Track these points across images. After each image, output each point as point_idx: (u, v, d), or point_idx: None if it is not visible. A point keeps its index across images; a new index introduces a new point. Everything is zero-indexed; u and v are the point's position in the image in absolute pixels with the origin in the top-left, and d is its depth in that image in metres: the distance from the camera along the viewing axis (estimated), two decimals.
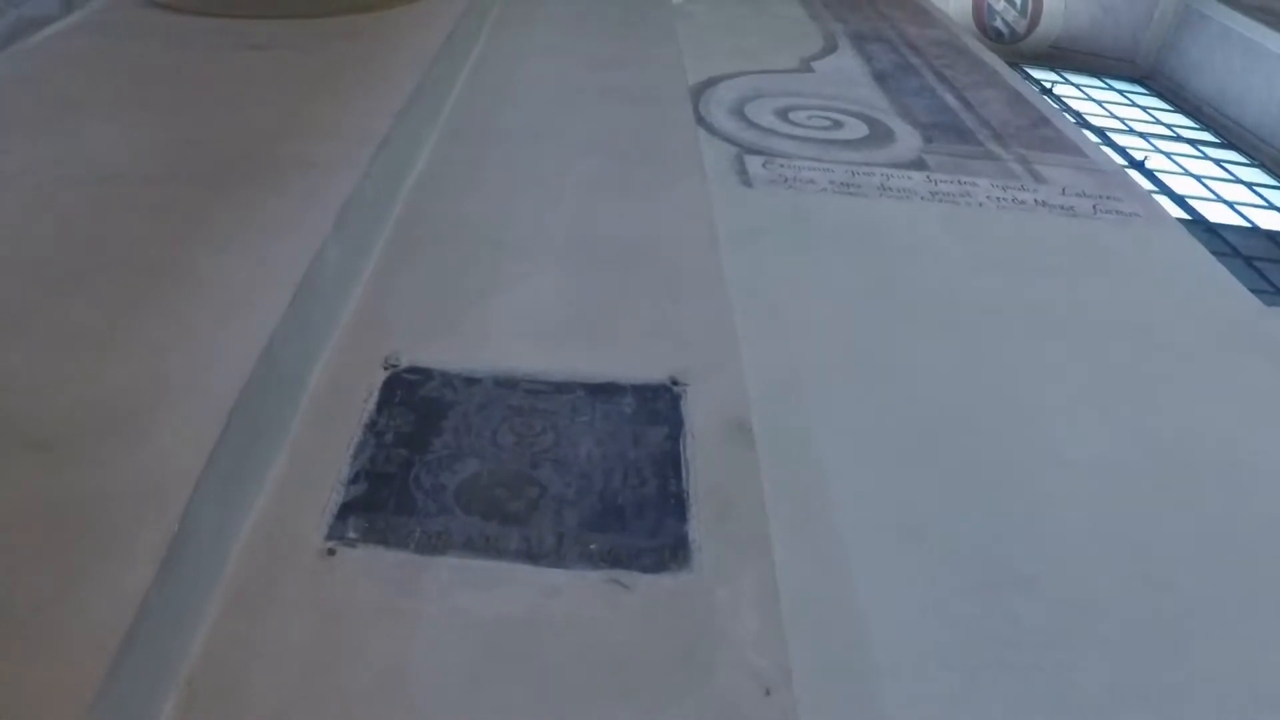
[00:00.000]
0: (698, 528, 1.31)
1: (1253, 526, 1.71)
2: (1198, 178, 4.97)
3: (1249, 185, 5.03)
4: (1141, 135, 5.37)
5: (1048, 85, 5.76)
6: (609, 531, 1.29)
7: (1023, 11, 6.06)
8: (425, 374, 1.52)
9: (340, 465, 1.33)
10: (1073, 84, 6.01)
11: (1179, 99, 6.03)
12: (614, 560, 1.25)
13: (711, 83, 3.17)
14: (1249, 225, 4.55)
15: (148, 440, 1.14)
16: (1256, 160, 5.35)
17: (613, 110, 2.53)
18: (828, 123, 2.94)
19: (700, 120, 2.83)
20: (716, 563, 1.26)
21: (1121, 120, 5.55)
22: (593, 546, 1.27)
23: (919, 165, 2.75)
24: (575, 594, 1.20)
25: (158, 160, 1.78)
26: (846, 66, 3.51)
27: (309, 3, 2.73)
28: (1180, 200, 4.63)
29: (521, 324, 1.66)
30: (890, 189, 2.57)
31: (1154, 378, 2.03)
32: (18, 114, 1.98)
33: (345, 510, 1.27)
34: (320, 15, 2.66)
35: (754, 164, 2.62)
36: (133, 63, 2.27)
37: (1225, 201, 4.75)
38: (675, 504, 1.34)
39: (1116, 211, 2.69)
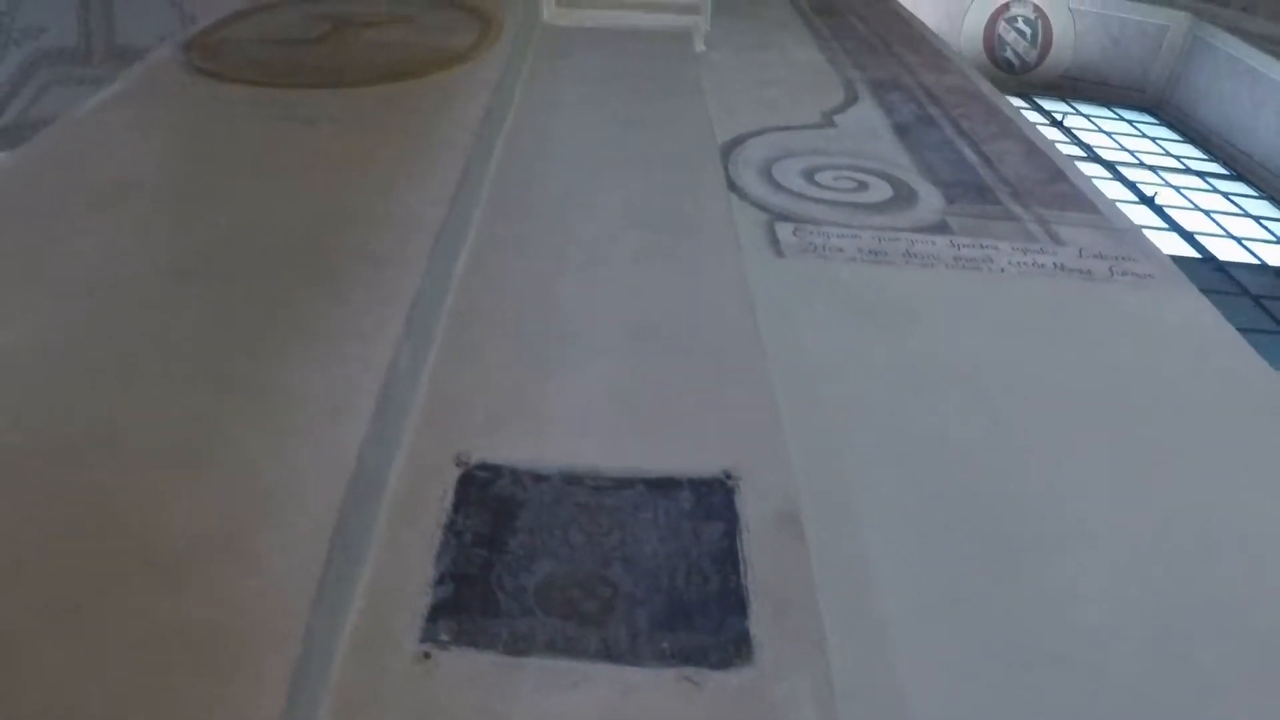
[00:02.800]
0: (757, 624, 1.43)
1: (1271, 600, 1.83)
2: (1207, 212, 5.10)
3: (1257, 219, 5.16)
4: (1151, 169, 5.50)
5: (1059, 117, 5.89)
6: (678, 629, 1.41)
7: (1033, 42, 6.19)
8: (495, 471, 1.64)
9: (426, 567, 1.45)
10: (1083, 114, 6.14)
11: (1187, 128, 6.16)
12: (684, 658, 1.37)
13: (739, 141, 3.30)
14: (1258, 262, 4.68)
15: (258, 563, 1.26)
16: (1265, 193, 5.48)
17: (647, 177, 2.66)
18: (853, 184, 3.07)
19: (731, 184, 2.95)
20: (776, 659, 1.38)
21: (1131, 153, 5.68)
22: (664, 645, 1.39)
23: (942, 228, 2.87)
24: (651, 692, 1.32)
25: (226, 254, 1.90)
26: (868, 119, 3.64)
27: (349, 71, 2.86)
28: (1189, 237, 4.76)
29: (579, 416, 1.78)
30: (915, 255, 2.70)
31: (1171, 448, 2.15)
32: (79, 198, 2.09)
33: (435, 613, 1.39)
34: (360, 84, 2.78)
35: (784, 231, 2.74)
36: (184, 139, 2.40)
37: (1234, 237, 4.88)
38: (736, 600, 1.46)
39: (1132, 274, 2.81)
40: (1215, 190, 5.38)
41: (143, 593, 1.20)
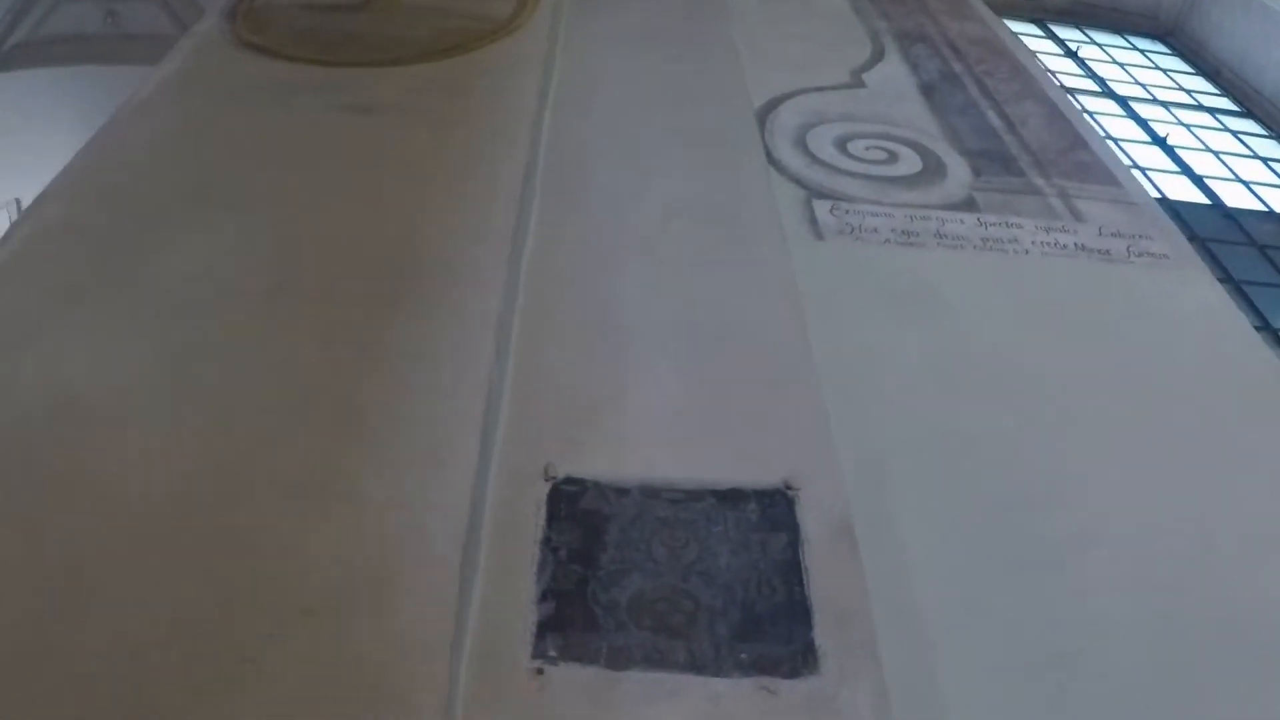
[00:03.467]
0: (822, 634, 1.63)
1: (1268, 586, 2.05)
2: (1217, 154, 5.21)
3: (1265, 160, 5.28)
4: (1163, 104, 5.59)
5: (1073, 48, 5.94)
6: (753, 640, 1.62)
7: None
8: (580, 484, 1.83)
9: (529, 585, 1.64)
10: (1096, 44, 6.19)
11: (1199, 59, 6.22)
12: (760, 668, 1.58)
13: (773, 105, 3.40)
14: (1265, 209, 4.81)
15: (398, 601, 1.44)
16: (1273, 132, 5.58)
17: (691, 159, 2.79)
18: (884, 155, 3.19)
19: (769, 155, 3.07)
20: (840, 668, 1.59)
21: (1144, 86, 5.76)
22: (743, 656, 1.60)
23: (970, 205, 3.01)
24: (734, 700, 1.53)
25: (312, 270, 2.04)
26: (895, 78, 3.73)
27: (394, 46, 2.94)
28: (1199, 181, 4.88)
29: (648, 424, 1.96)
30: (945, 236, 2.85)
31: (1182, 441, 2.34)
32: (162, 208, 2.21)
33: (542, 629, 1.59)
34: (407, 61, 2.87)
35: (822, 211, 2.88)
36: (248, 135, 2.49)
37: (1244, 182, 5.00)
38: (801, 611, 1.67)
39: (1149, 254, 2.97)
40: (1225, 129, 5.49)
41: (306, 640, 1.38)
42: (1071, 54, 5.88)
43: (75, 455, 1.61)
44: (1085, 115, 4.30)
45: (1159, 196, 4.60)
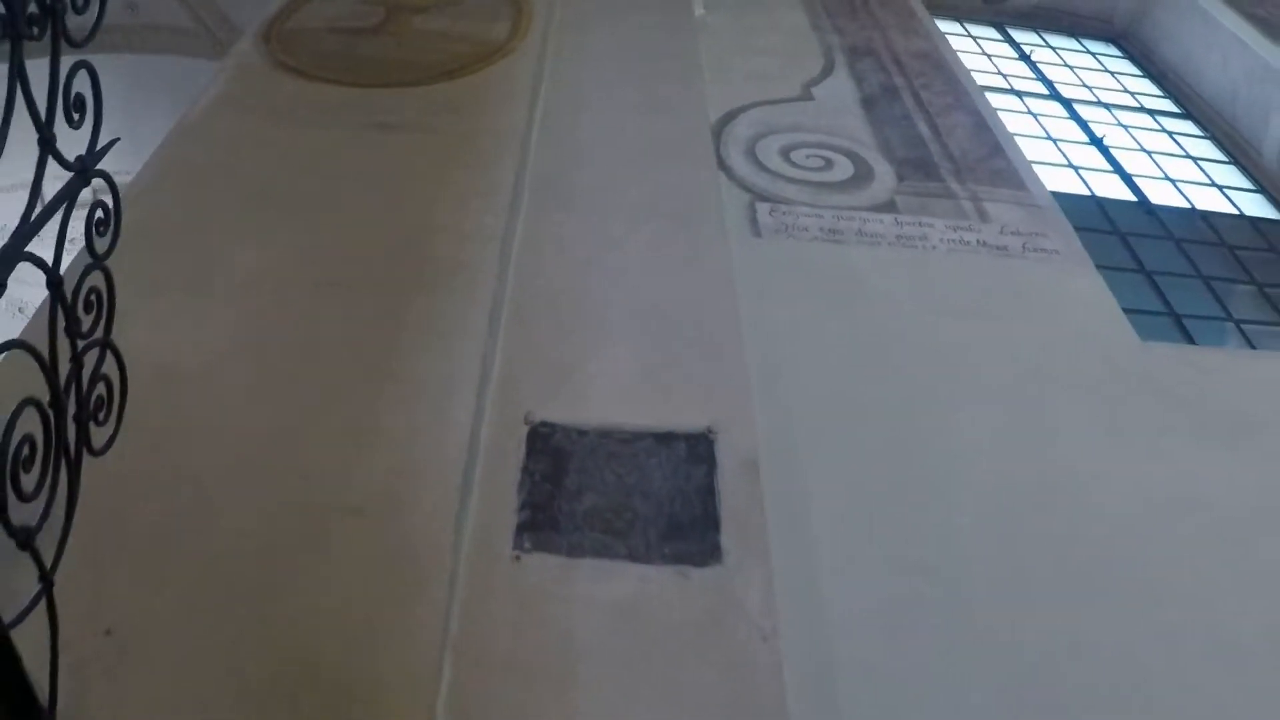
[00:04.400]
0: (726, 537, 2.27)
1: (1101, 544, 2.69)
2: (1149, 153, 5.84)
3: (1196, 160, 5.92)
4: (1106, 106, 6.21)
5: (1027, 51, 6.56)
6: (674, 540, 2.26)
7: None
8: (551, 427, 2.47)
9: (512, 498, 2.29)
10: (1051, 47, 6.81)
11: (1148, 62, 6.84)
12: (678, 559, 2.22)
13: (731, 116, 4.03)
14: (1188, 206, 5.44)
15: (417, 509, 2.09)
16: (1209, 133, 6.21)
17: (653, 169, 3.41)
18: (822, 163, 3.83)
19: (721, 163, 3.70)
20: (738, 561, 2.23)
21: (1090, 89, 6.38)
22: (666, 550, 2.24)
23: (890, 207, 3.65)
24: (657, 581, 2.17)
25: (353, 265, 2.67)
26: (840, 91, 4.37)
27: (409, 68, 3.57)
28: (1129, 179, 5.51)
29: (607, 385, 2.59)
30: (865, 234, 3.49)
31: (1048, 415, 2.98)
32: (224, 212, 2.85)
33: (520, 529, 2.23)
34: (421, 82, 3.50)
35: (763, 212, 3.52)
36: (291, 150, 3.11)
37: (1171, 180, 5.64)
38: (712, 521, 2.30)
39: (1041, 249, 3.61)
40: (1163, 130, 6.11)
41: (351, 531, 2.03)
42: (1025, 57, 6.49)
43: (180, 408, 2.25)
44: (1025, 116, 4.93)
45: (1089, 194, 5.25)
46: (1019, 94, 6.02)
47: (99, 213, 1.44)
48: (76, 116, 1.27)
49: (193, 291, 2.57)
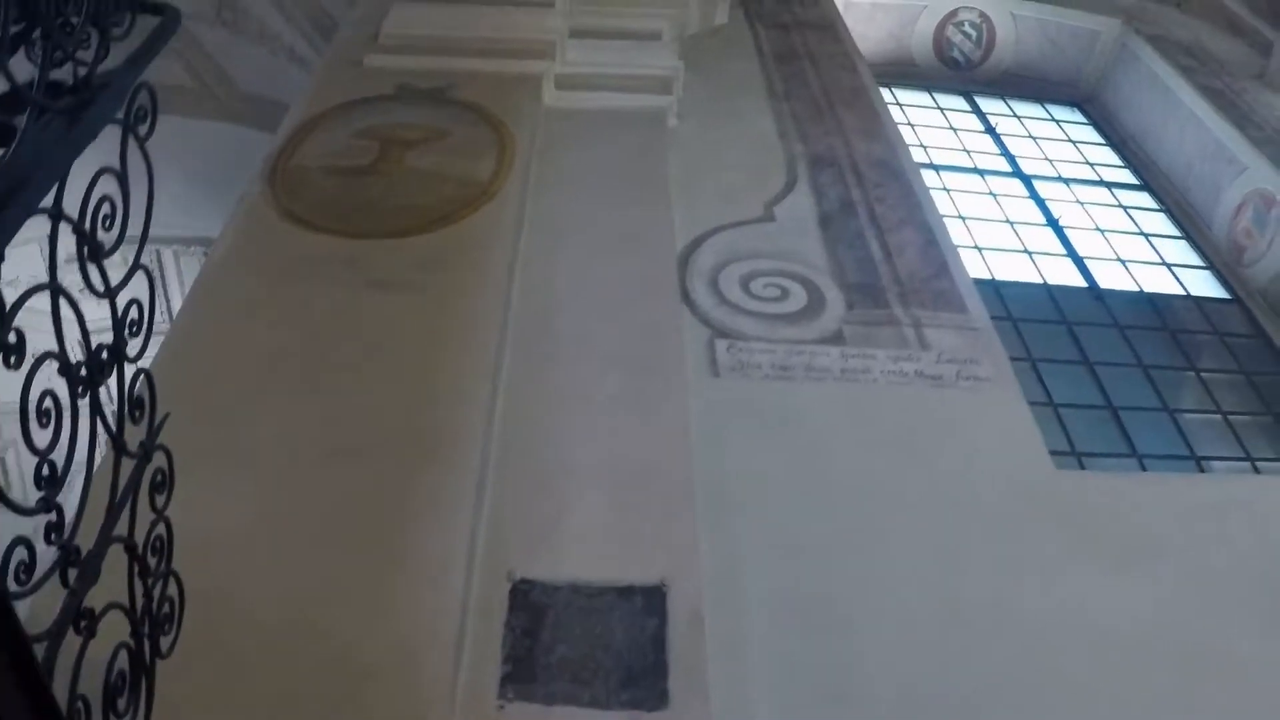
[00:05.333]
0: (673, 683, 2.90)
1: (1000, 672, 3.32)
2: (1104, 232, 6.48)
3: (1147, 237, 6.56)
4: (1065, 181, 6.84)
5: (992, 122, 7.18)
6: (630, 688, 2.88)
7: (978, 44, 7.43)
8: (530, 584, 3.10)
9: (496, 652, 2.92)
10: (1016, 115, 7.43)
11: (1110, 129, 7.48)
12: (634, 705, 2.85)
13: (697, 243, 4.65)
14: (1136, 290, 6.09)
15: (421, 669, 2.73)
16: (1164, 206, 6.85)
17: (624, 309, 4.02)
18: (778, 292, 4.45)
19: (685, 296, 4.33)
20: (683, 704, 2.86)
21: (1051, 162, 7.01)
22: (623, 697, 2.87)
23: (838, 338, 4.28)
24: None
25: (358, 434, 3.29)
26: (800, 209, 4.99)
27: (402, 217, 4.17)
28: (1080, 263, 6.15)
29: (577, 539, 3.22)
30: (813, 369, 4.11)
31: (962, 547, 3.61)
32: (243, 379, 3.46)
33: (504, 681, 2.86)
34: (412, 232, 4.10)
35: (721, 349, 4.14)
36: (298, 312, 3.71)
37: (1121, 261, 6.28)
38: (662, 669, 2.94)
39: (973, 377, 4.24)
40: (1119, 204, 6.75)
41: (364, 692, 2.67)
42: (990, 129, 7.12)
43: (212, 576, 2.88)
44: (987, 197, 5.56)
45: (1041, 282, 5.89)
46: (981, 173, 6.65)
47: (158, 475, 2.05)
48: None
49: (216, 464, 3.17)
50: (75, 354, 1.58)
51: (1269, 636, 3.56)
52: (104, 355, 1.71)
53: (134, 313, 1.81)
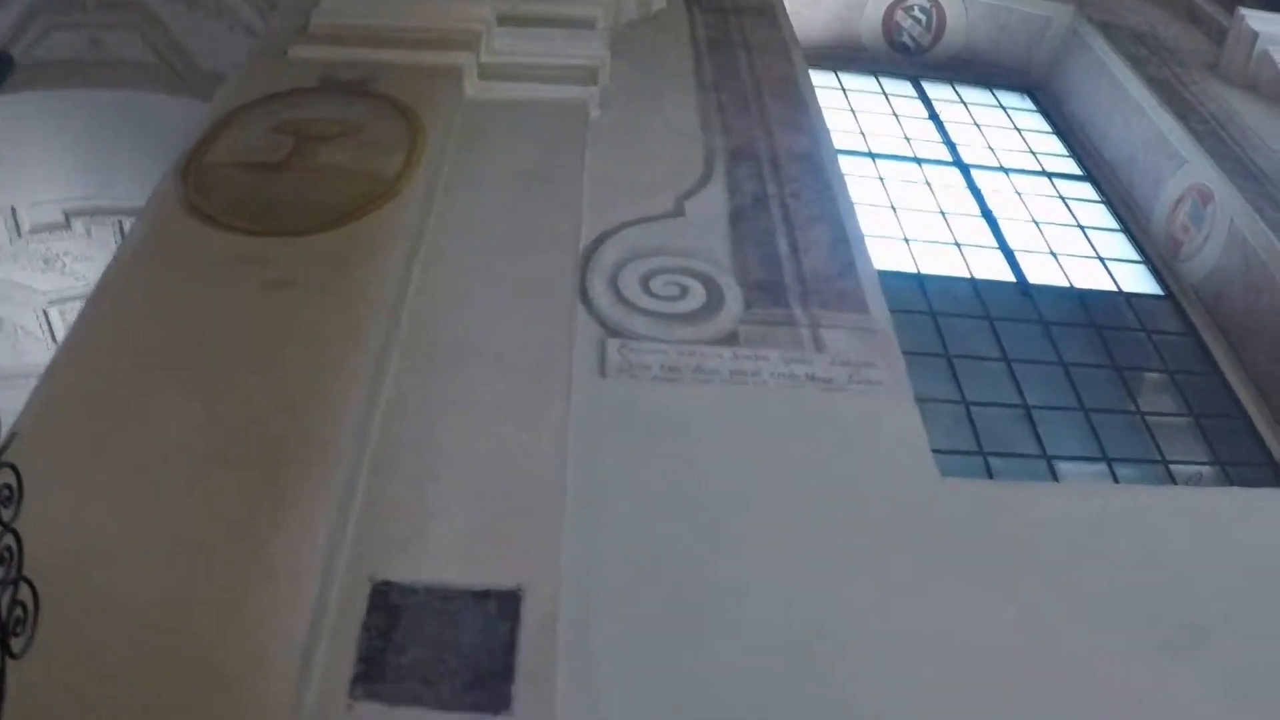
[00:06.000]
0: (518, 688, 3.07)
1: (861, 687, 3.45)
2: (1039, 224, 6.58)
3: (1084, 230, 6.66)
4: (1005, 171, 6.94)
5: (937, 110, 7.27)
6: (476, 690, 3.06)
7: (928, 28, 7.50)
8: (390, 585, 3.27)
9: (352, 651, 3.10)
10: (963, 103, 7.51)
11: (1058, 116, 7.55)
12: (479, 707, 3.01)
13: (601, 240, 4.77)
14: (1065, 286, 6.19)
15: (276, 669, 2.90)
16: (1105, 198, 6.95)
17: (519, 310, 4.15)
18: (677, 290, 4.57)
19: (584, 295, 4.46)
20: (526, 708, 3.04)
21: (994, 151, 7.10)
22: (468, 699, 3.05)
23: (732, 339, 4.41)
24: None
25: (237, 439, 3.45)
26: (712, 205, 5.10)
27: (309, 214, 4.31)
28: (1011, 257, 6.26)
29: (442, 543, 3.38)
30: (702, 371, 4.24)
31: (834, 557, 3.69)
32: (136, 377, 3.62)
33: (355, 679, 3.04)
34: (316, 230, 4.24)
35: (612, 349, 4.27)
36: (196, 311, 3.85)
37: (1054, 255, 6.39)
38: (509, 672, 3.11)
39: (867, 380, 4.36)
40: (1059, 196, 6.85)
41: (220, 695, 2.85)
42: (933, 115, 7.21)
43: (84, 579, 3.06)
44: (922, 186, 5.68)
45: (968, 276, 6.01)
46: (920, 161, 6.75)
47: (4, 490, 2.23)
48: None
49: (98, 466, 3.34)
50: None
51: (1136, 655, 3.61)
52: None
53: None
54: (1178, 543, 4.08)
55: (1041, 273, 6.25)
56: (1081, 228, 6.66)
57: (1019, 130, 7.36)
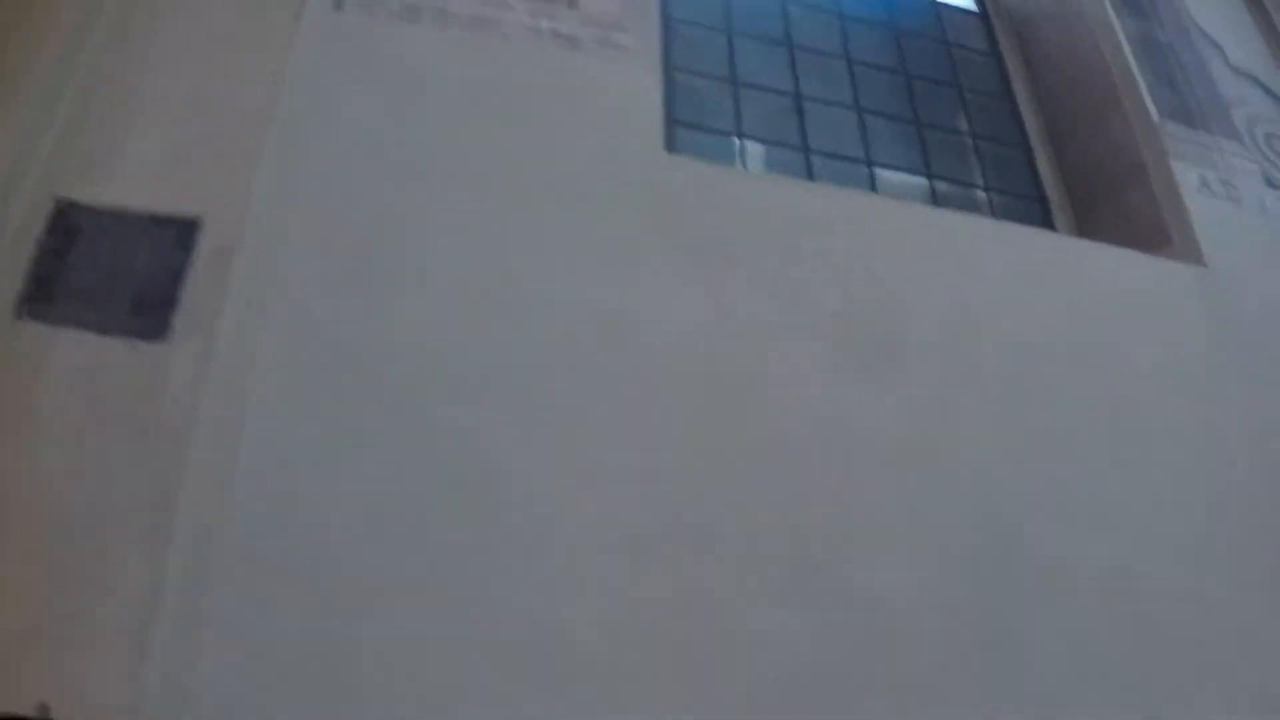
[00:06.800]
0: (179, 318, 3.30)
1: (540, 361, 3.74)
2: None
3: None
4: None
5: None
6: (139, 316, 3.28)
7: None
8: (73, 205, 3.46)
9: (25, 270, 3.33)
10: None
11: None
12: (135, 333, 3.23)
13: None
14: None
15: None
16: None
17: None
18: None
19: None
20: (182, 339, 3.29)
21: None
22: (129, 325, 3.27)
23: None
24: (115, 351, 3.24)
25: None
26: None
27: None
28: None
29: (135, 166, 3.53)
30: (445, 15, 4.07)
31: (535, 227, 3.73)
32: None
33: (23, 299, 3.31)
34: None
35: None
36: None
37: None
38: (173, 301, 3.37)
39: (614, 45, 4.35)
40: None
41: None
42: None
43: None
44: None
45: None
46: None
47: None
48: None
49: None
50: None
51: (825, 368, 3.70)
52: None
53: None
54: (893, 259, 4.10)
55: None
56: None
57: None
